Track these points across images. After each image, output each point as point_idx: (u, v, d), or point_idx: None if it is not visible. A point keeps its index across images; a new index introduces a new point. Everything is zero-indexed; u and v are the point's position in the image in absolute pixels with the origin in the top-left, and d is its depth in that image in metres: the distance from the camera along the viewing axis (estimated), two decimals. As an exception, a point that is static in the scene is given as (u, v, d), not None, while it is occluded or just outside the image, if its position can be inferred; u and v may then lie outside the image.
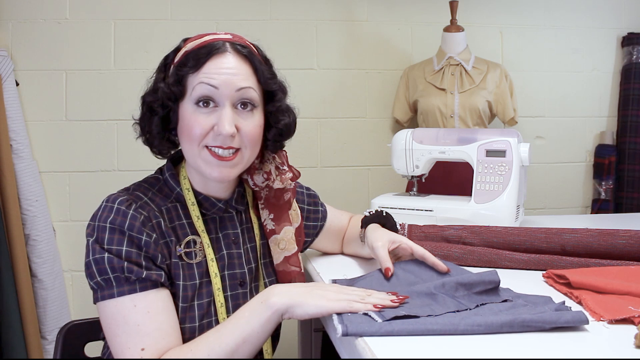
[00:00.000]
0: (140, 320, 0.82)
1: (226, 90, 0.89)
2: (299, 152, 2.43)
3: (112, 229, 0.84)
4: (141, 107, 0.95)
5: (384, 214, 1.14)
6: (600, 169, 2.62)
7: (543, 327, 0.73)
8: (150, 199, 0.92)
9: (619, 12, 2.65)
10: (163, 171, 0.98)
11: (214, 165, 0.91)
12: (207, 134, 0.89)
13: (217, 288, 0.93)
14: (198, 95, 0.89)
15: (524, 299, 0.84)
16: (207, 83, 0.88)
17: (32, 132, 2.24)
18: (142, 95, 0.95)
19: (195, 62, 0.89)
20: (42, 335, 2.11)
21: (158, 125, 0.93)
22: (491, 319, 0.73)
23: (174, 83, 0.90)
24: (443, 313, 0.78)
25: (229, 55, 0.90)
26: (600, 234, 1.12)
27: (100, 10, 2.29)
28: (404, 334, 0.72)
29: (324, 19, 2.46)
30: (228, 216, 0.99)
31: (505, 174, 1.43)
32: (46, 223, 2.17)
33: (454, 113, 2.20)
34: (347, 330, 0.72)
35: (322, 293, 0.82)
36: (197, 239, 0.93)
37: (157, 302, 0.84)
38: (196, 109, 0.89)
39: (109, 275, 0.83)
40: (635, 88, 2.57)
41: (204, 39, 0.92)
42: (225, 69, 0.89)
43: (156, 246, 0.87)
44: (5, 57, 2.13)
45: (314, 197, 1.18)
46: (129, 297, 0.82)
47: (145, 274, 0.83)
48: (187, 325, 0.88)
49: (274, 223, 1.03)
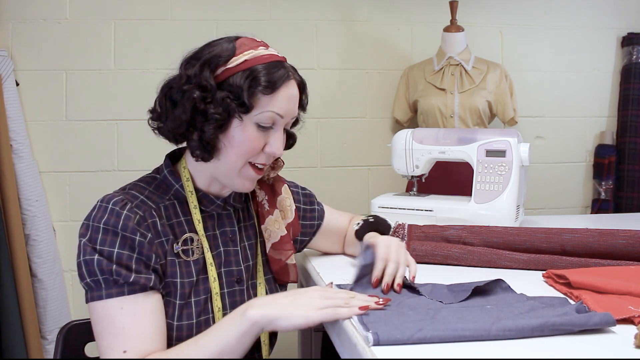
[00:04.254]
0: (126, 323, 0.82)
1: (287, 119, 0.94)
2: (299, 152, 2.43)
3: (105, 230, 0.85)
4: (176, 97, 0.90)
5: (370, 219, 1.16)
6: (600, 169, 2.62)
7: (572, 330, 0.73)
8: (147, 197, 0.92)
9: (619, 12, 2.65)
10: (160, 169, 0.98)
11: (249, 180, 0.95)
12: (258, 153, 0.93)
13: (215, 292, 0.93)
14: (265, 120, 0.91)
15: (540, 301, 0.84)
16: (277, 113, 0.91)
17: (32, 132, 2.24)
18: (185, 88, 0.88)
19: (270, 85, 0.89)
20: (42, 335, 2.11)
21: (193, 120, 0.89)
22: (522, 323, 0.72)
23: (247, 98, 0.88)
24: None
25: (293, 83, 0.94)
26: (600, 234, 1.12)
27: (100, 10, 2.29)
28: (437, 341, 0.71)
29: (324, 19, 2.46)
30: (226, 214, 1.00)
31: (505, 174, 1.43)
32: (46, 223, 2.17)
33: (454, 113, 2.20)
34: (378, 340, 0.70)
35: (306, 301, 0.81)
36: (194, 237, 0.94)
37: (145, 306, 0.84)
38: (256, 129, 0.91)
39: (97, 277, 0.83)
40: (635, 88, 2.57)
41: (265, 53, 0.91)
42: (292, 99, 0.93)
43: (150, 246, 0.87)
44: (5, 57, 2.13)
45: (310, 196, 1.18)
46: (116, 300, 0.83)
47: (134, 277, 0.83)
48: (184, 322, 0.89)
49: (269, 204, 1.04)
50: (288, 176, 1.16)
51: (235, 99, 0.88)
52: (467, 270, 1.11)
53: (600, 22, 2.64)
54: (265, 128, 0.91)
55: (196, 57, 0.91)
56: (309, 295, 0.83)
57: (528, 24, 2.60)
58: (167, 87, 0.92)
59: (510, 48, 2.59)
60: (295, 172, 2.36)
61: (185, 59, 0.93)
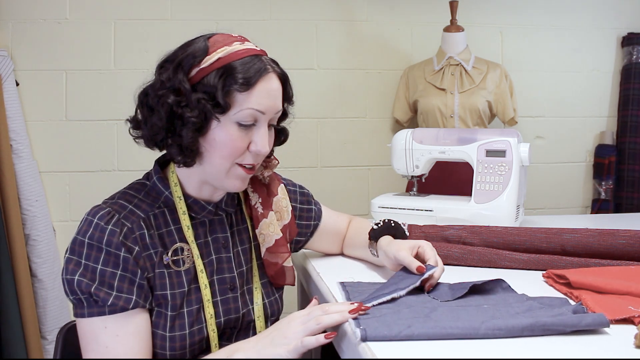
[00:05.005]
0: (109, 342, 0.82)
1: (269, 114, 0.90)
2: (299, 152, 2.44)
3: (89, 245, 0.84)
4: (152, 104, 0.87)
5: (392, 223, 1.11)
6: (600, 169, 2.62)
7: (564, 330, 0.72)
8: (135, 206, 0.90)
9: (619, 12, 2.65)
10: (150, 175, 0.96)
11: (239, 179, 0.91)
12: (243, 153, 0.89)
13: (206, 299, 0.91)
14: (245, 119, 0.87)
15: (539, 302, 0.84)
16: (257, 109, 0.87)
17: (32, 132, 2.24)
18: (160, 94, 0.86)
19: (246, 81, 0.85)
20: (42, 335, 2.11)
21: (171, 126, 0.87)
22: (512, 323, 0.72)
23: (222, 97, 0.84)
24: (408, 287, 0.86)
25: (273, 76, 0.89)
26: (600, 234, 1.12)
27: (100, 10, 2.29)
28: (424, 338, 0.71)
29: (324, 19, 2.46)
30: (218, 219, 0.97)
31: (505, 174, 1.43)
32: (46, 223, 2.17)
33: (454, 113, 2.20)
34: (366, 335, 0.71)
35: (282, 339, 0.80)
36: (184, 246, 0.92)
37: (127, 327, 0.83)
38: (237, 129, 0.87)
39: (79, 296, 0.83)
40: (635, 88, 2.57)
41: (240, 49, 0.88)
42: (272, 93, 0.89)
43: (136, 261, 0.85)
44: (5, 57, 2.13)
45: (307, 195, 1.15)
46: (99, 319, 0.83)
47: (112, 299, 0.82)
48: (177, 333, 0.87)
49: (262, 207, 1.01)
50: (288, 176, 1.16)
51: (210, 99, 0.85)
52: (467, 270, 1.11)
53: (600, 22, 2.64)
54: (247, 126, 0.88)
55: (170, 59, 0.89)
56: (287, 327, 0.82)
57: (528, 24, 2.60)
58: (143, 93, 0.89)
59: (510, 48, 2.59)
60: (295, 172, 2.36)
61: (159, 62, 0.90)
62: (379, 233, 1.09)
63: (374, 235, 1.09)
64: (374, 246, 1.08)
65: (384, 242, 1.05)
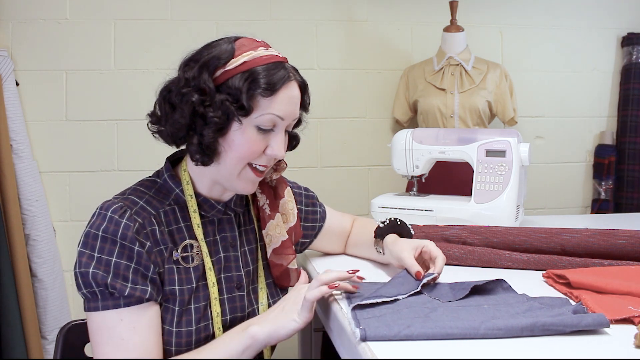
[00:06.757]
0: (125, 334, 0.83)
1: (288, 120, 0.92)
2: (299, 152, 2.41)
3: (104, 238, 0.84)
4: (175, 101, 0.88)
5: (398, 222, 1.13)
6: (600, 169, 2.62)
7: (564, 330, 0.73)
8: (146, 202, 0.91)
9: (619, 12, 2.65)
10: (161, 173, 0.97)
11: (250, 182, 0.93)
12: (259, 156, 0.91)
13: (214, 297, 0.92)
14: (265, 123, 0.89)
15: (539, 302, 0.84)
16: (277, 115, 0.89)
17: (32, 132, 2.24)
18: (184, 91, 0.87)
19: (270, 87, 0.87)
20: (42, 335, 2.11)
21: (193, 124, 0.88)
22: (511, 323, 0.72)
23: (246, 100, 0.86)
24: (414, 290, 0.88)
25: (294, 84, 0.92)
26: (600, 234, 1.12)
27: (100, 10, 2.29)
28: (424, 338, 0.71)
29: (324, 19, 2.46)
30: (226, 218, 0.99)
31: (505, 174, 1.43)
32: (46, 223, 2.17)
33: (453, 113, 2.20)
34: (365, 335, 0.72)
35: (293, 305, 0.88)
36: (194, 243, 0.93)
37: (143, 319, 0.84)
38: (255, 132, 0.89)
39: (94, 289, 0.83)
40: (635, 88, 2.57)
41: (264, 54, 0.89)
42: (293, 100, 0.91)
43: (149, 256, 0.86)
44: (5, 57, 2.13)
45: (312, 197, 1.18)
46: (115, 311, 0.83)
47: (129, 290, 0.83)
48: (183, 329, 0.88)
49: (270, 208, 1.03)
50: (288, 176, 1.16)
51: (234, 101, 0.86)
52: (467, 270, 1.11)
53: (600, 22, 2.64)
54: (266, 131, 0.90)
55: (195, 59, 0.90)
56: (296, 295, 0.88)
57: (528, 24, 2.60)
58: (166, 90, 0.90)
59: (510, 48, 2.59)
60: (296, 172, 2.36)
61: (184, 60, 0.91)
62: (385, 231, 1.11)
63: (380, 233, 1.11)
64: (380, 244, 1.10)
65: (389, 240, 1.07)
